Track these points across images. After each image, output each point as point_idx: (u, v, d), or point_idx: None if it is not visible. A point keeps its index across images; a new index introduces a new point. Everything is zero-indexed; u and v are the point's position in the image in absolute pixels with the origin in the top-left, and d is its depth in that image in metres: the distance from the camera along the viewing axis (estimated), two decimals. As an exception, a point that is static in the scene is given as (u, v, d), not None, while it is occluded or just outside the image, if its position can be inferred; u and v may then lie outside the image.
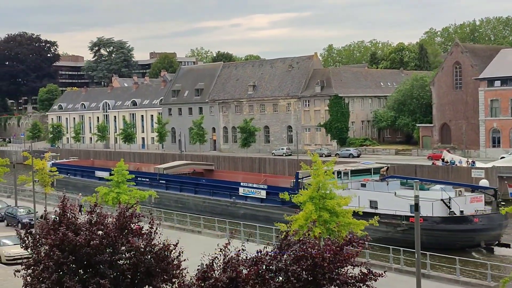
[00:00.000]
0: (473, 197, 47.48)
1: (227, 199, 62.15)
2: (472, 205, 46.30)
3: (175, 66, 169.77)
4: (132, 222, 18.97)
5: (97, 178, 78.77)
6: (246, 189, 60.78)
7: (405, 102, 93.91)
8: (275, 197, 56.63)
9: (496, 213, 45.06)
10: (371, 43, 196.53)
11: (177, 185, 68.90)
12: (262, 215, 56.81)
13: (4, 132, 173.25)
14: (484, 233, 44.84)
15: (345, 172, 52.48)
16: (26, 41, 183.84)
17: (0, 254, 36.87)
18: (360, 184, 50.29)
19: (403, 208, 45.47)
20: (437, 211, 44.93)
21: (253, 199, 59.81)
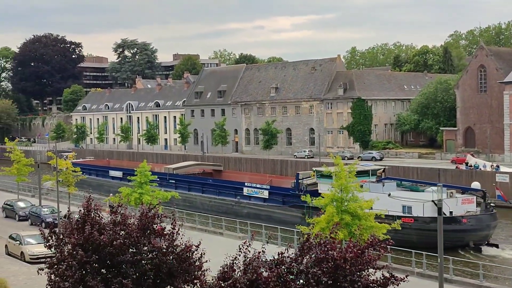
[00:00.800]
0: (464, 198, 48.79)
1: (232, 198, 64.21)
2: (463, 207, 47.56)
3: (198, 67, 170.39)
4: (155, 223, 19.07)
5: (110, 177, 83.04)
6: (250, 189, 62.67)
7: (429, 105, 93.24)
8: (277, 197, 59.57)
9: (484, 214, 47.10)
10: (395, 45, 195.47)
11: (186, 185, 70.41)
12: (264, 214, 58.81)
13: (29, 132, 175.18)
14: (473, 233, 46.30)
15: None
16: (51, 42, 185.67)
17: (24, 252, 37.26)
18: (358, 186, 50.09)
19: (396, 209, 46.54)
20: (428, 212, 45.94)
21: (256, 199, 61.74)
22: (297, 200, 54.99)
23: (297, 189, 57.77)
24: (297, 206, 55.27)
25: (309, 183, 57.82)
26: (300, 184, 57.63)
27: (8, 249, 39.21)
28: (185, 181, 71.56)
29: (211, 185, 69.18)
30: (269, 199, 60.52)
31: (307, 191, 55.52)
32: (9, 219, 53.92)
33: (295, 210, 56.27)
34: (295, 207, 56.14)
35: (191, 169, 78.53)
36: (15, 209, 54.33)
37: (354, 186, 32.36)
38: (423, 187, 52.68)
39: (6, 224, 51.30)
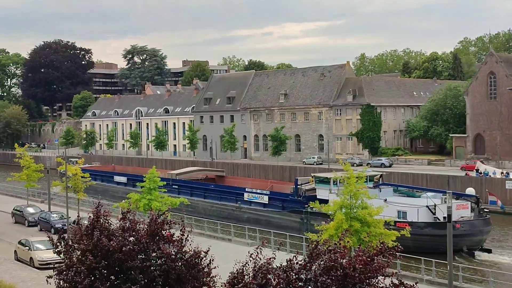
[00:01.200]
0: (459, 204, 49.31)
1: (233, 203, 65.14)
2: (457, 212, 47.70)
3: (207, 74, 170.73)
4: (164, 229, 19.06)
5: (115, 182, 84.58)
6: (250, 195, 63.69)
7: (438, 112, 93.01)
8: (276, 202, 60.71)
9: (477, 220, 47.94)
10: (404, 52, 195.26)
11: (188, 190, 70.98)
12: (264, 219, 59.90)
13: (39, 138, 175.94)
14: (466, 238, 46.70)
15: (341, 180, 52.44)
16: (61, 49, 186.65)
17: (33, 258, 37.34)
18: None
19: (391, 214, 46.71)
20: (422, 217, 47.18)
21: (256, 204, 62.62)
22: (296, 205, 57.19)
23: (296, 195, 58.79)
24: (296, 211, 56.71)
25: (308, 188, 58.67)
26: (298, 190, 58.61)
27: (17, 255, 39.33)
28: (187, 187, 72.24)
29: (213, 190, 70.08)
30: (269, 204, 61.41)
31: (305, 197, 57.10)
32: (18, 225, 54.12)
33: (293, 215, 57.26)
34: (294, 212, 57.39)
35: (194, 174, 79.58)
36: (24, 215, 54.51)
37: (363, 193, 32.19)
38: (419, 193, 53.55)
39: (16, 229, 51.49)
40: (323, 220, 50.48)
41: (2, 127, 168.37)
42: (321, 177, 58.00)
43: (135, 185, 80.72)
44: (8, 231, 50.52)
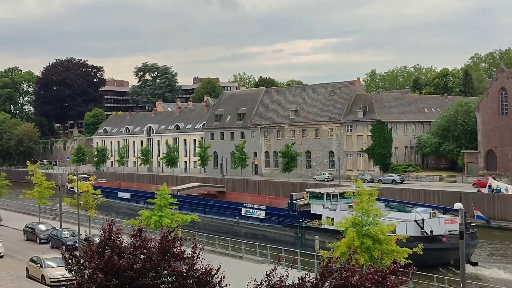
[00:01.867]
0: (447, 218, 50.85)
1: (232, 219, 66.38)
2: (445, 226, 49.66)
3: (218, 91, 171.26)
4: (175, 246, 19.01)
5: (119, 198, 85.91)
6: (248, 210, 65.23)
7: (450, 128, 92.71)
8: (273, 217, 62.15)
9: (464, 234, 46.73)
10: (415, 68, 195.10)
11: (189, 206, 72.30)
12: (261, 234, 61.35)
13: (51, 155, 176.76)
14: (453, 251, 46.31)
15: (334, 195, 56.48)
16: (73, 66, 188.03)
17: (45, 275, 37.36)
18: (348, 206, 53.20)
19: None
20: (410, 231, 47.93)
21: (254, 219, 63.93)
22: (291, 220, 58.78)
23: (291, 210, 60.21)
24: (290, 226, 58.38)
25: (302, 203, 59.92)
26: (294, 205, 59.97)
27: (29, 272, 39.36)
28: (188, 202, 73.52)
29: (212, 206, 71.63)
30: (266, 219, 62.64)
31: (300, 212, 58.97)
32: (30, 242, 54.24)
33: (288, 229, 58.74)
34: (288, 226, 58.94)
35: (195, 190, 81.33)
36: (36, 232, 54.64)
37: (375, 210, 32.03)
38: (410, 208, 54.64)
39: (27, 247, 51.61)
40: (317, 234, 53.56)
41: (14, 144, 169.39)
42: (315, 192, 59.58)
43: (138, 201, 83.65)
44: (19, 248, 50.64)
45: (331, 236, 50.06)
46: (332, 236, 50.15)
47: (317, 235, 53.97)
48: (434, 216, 51.20)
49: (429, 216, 50.87)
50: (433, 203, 74.01)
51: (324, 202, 56.55)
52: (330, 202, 55.78)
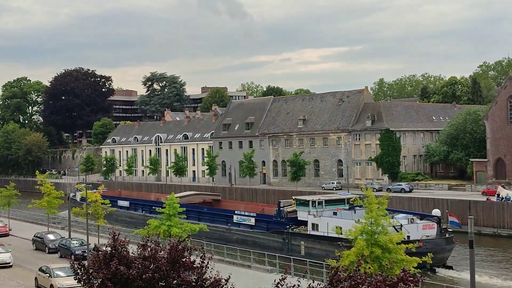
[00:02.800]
0: (425, 224, 52.98)
1: (224, 225, 68.10)
2: (423, 231, 51.54)
3: (226, 100, 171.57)
4: (184, 256, 18.98)
5: (118, 206, 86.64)
6: (239, 217, 67.44)
7: (458, 137, 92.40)
8: (262, 223, 64.33)
9: (439, 238, 51.39)
10: (423, 76, 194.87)
11: (184, 213, 72.52)
12: (251, 240, 63.33)
13: (59, 164, 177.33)
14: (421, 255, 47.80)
15: (319, 202, 58.86)
16: (82, 76, 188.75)
17: (54, 285, 37.42)
18: (332, 213, 57.07)
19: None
20: None
21: (244, 226, 65.91)
22: (279, 227, 60.90)
23: (279, 216, 62.26)
24: (278, 232, 60.56)
25: (290, 210, 62.01)
26: (281, 212, 61.99)
27: (38, 282, 39.45)
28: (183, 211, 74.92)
29: (206, 213, 73.35)
30: (256, 226, 64.68)
31: (287, 218, 61.11)
32: (39, 252, 54.39)
33: (276, 235, 60.73)
34: (276, 233, 61.07)
35: (192, 198, 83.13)
36: (45, 242, 54.78)
37: (384, 219, 31.85)
38: (392, 214, 54.64)
39: (36, 256, 51.75)
40: (302, 240, 56.28)
41: (23, 154, 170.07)
42: (302, 199, 61.68)
43: (136, 209, 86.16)
44: (28, 258, 50.79)
45: (316, 241, 54.60)
46: (316, 241, 54.45)
47: (303, 241, 56.65)
48: (412, 222, 53.05)
49: (408, 222, 52.48)
50: (441, 213, 73.87)
51: (309, 209, 58.56)
52: (315, 209, 57.96)
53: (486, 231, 68.40)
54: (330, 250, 51.48)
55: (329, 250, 51.93)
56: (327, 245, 53.34)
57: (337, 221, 54.64)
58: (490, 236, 67.67)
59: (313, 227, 56.98)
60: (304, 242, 56.37)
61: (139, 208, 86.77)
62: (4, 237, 62.53)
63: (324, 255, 50.62)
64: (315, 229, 56.62)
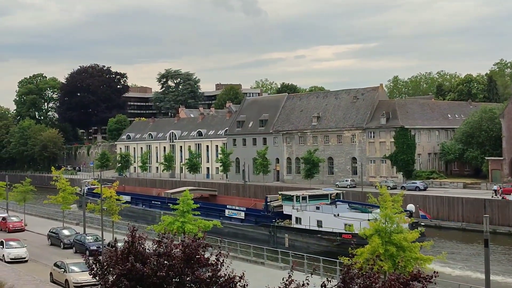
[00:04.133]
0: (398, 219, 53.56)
1: (217, 219, 69.26)
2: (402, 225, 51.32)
3: (240, 97, 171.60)
4: (198, 254, 18.93)
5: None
6: (230, 211, 70.88)
7: (474, 135, 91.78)
8: (251, 217, 67.66)
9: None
10: (439, 74, 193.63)
11: None
12: (241, 233, 66.51)
13: (75, 161, 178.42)
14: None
15: (303, 197, 62.00)
16: (97, 73, 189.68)
17: (69, 280, 37.64)
18: (315, 207, 60.42)
19: (339, 227, 55.42)
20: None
21: (235, 220, 69.16)
22: (266, 220, 64.51)
23: (266, 211, 65.98)
24: (265, 225, 64.26)
25: (276, 205, 65.56)
26: (268, 206, 65.72)
27: (53, 277, 39.69)
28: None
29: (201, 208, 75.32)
30: (245, 220, 67.98)
31: (274, 212, 64.66)
32: (54, 247, 54.73)
33: (263, 229, 64.39)
34: (263, 226, 64.64)
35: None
36: (60, 237, 55.11)
37: (398, 217, 31.71)
38: (370, 209, 57.37)
39: (51, 251, 52.09)
40: (286, 232, 59.99)
41: (39, 150, 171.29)
42: (287, 195, 64.83)
43: (137, 204, 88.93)
44: (44, 253, 51.14)
45: (298, 234, 59.12)
46: (298, 234, 59.07)
47: (287, 234, 60.44)
48: None
49: None
50: (457, 211, 73.58)
51: (294, 204, 61.88)
52: (299, 204, 61.27)
53: (502, 230, 67.95)
54: (310, 242, 58.02)
55: (310, 242, 58.09)
56: (308, 238, 58.03)
57: (319, 215, 58.93)
58: (505, 235, 67.24)
59: (297, 220, 60.70)
60: (288, 235, 60.34)
61: (139, 202, 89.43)
62: (20, 232, 63.05)
63: (306, 247, 56.77)
64: (299, 223, 60.37)
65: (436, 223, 74.54)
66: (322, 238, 56.47)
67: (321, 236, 56.36)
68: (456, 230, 71.92)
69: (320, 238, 56.74)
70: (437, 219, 75.33)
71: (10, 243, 49.07)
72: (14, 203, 78.26)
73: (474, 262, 54.28)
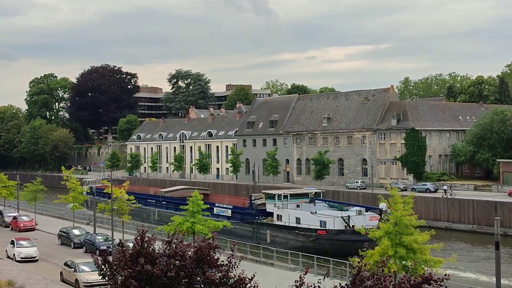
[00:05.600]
0: (371, 216, 58.93)
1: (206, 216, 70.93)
2: (371, 222, 56.74)
3: (250, 98, 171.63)
4: (209, 255, 18.84)
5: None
6: (218, 209, 72.79)
7: (485, 137, 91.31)
8: (237, 215, 70.57)
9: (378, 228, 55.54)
10: (450, 76, 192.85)
11: (173, 205, 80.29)
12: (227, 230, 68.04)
13: (85, 160, 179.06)
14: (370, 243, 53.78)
15: (284, 195, 65.77)
16: (108, 73, 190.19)
17: (79, 280, 37.74)
18: (296, 205, 64.33)
19: (315, 223, 59.26)
20: (337, 226, 58.10)
21: (223, 217, 70.13)
22: (250, 217, 67.72)
23: (250, 208, 69.36)
24: (249, 222, 67.55)
25: (259, 203, 69.41)
26: (252, 204, 69.25)
27: (63, 276, 39.82)
28: (173, 203, 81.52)
29: None
30: (232, 217, 69.78)
31: (257, 210, 68.47)
32: (64, 246, 54.94)
33: (247, 225, 67.39)
34: (248, 222, 67.97)
35: (182, 192, 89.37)
36: (70, 237, 55.31)
37: (409, 219, 31.48)
38: (346, 207, 63.29)
39: (62, 251, 52.28)
40: (268, 229, 64.34)
41: (49, 149, 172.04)
42: (270, 193, 68.66)
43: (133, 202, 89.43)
44: (54, 253, 51.33)
45: (279, 230, 62.91)
46: (279, 230, 62.83)
47: (268, 230, 64.17)
48: (360, 214, 59.41)
49: (356, 213, 59.19)
50: (467, 213, 73.24)
51: (276, 202, 65.68)
52: (281, 202, 65.06)
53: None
54: (289, 238, 61.76)
55: (289, 238, 61.79)
56: (287, 234, 61.72)
57: (297, 213, 62.69)
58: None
59: (278, 217, 64.54)
60: (269, 231, 64.07)
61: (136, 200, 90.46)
62: (31, 232, 63.31)
63: (285, 242, 60.65)
64: (279, 220, 64.18)
65: (447, 225, 74.25)
66: (299, 234, 60.29)
67: (299, 232, 60.28)
68: (466, 232, 71.59)
69: (298, 234, 60.53)
70: (448, 221, 75.03)
71: (20, 242, 49.27)
72: (25, 202, 78.58)
73: (485, 264, 53.98)
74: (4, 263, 43.06)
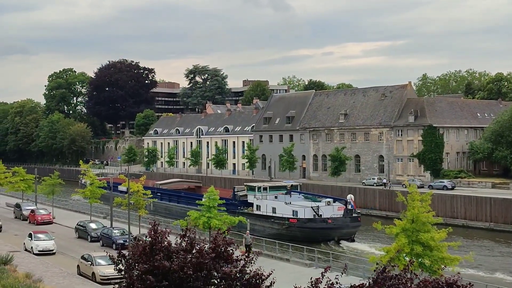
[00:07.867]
0: (339, 206, 65.08)
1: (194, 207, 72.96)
2: (339, 212, 63.99)
3: (267, 93, 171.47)
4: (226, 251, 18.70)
5: (118, 191, 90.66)
6: None
7: (503, 134, 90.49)
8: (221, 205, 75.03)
9: (346, 217, 64.05)
10: (468, 72, 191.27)
11: (167, 197, 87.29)
12: None
13: (102, 155, 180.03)
14: (336, 230, 62.92)
15: (264, 188, 72.28)
16: (125, 68, 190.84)
17: (95, 273, 38.00)
18: (274, 197, 70.31)
19: (288, 212, 64.78)
20: (307, 215, 63.63)
21: None
22: (233, 207, 70.95)
23: (234, 199, 74.80)
24: (232, 212, 70.85)
25: (242, 194, 75.33)
26: (235, 196, 75.46)
27: (80, 269, 40.11)
28: (167, 194, 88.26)
29: (183, 197, 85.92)
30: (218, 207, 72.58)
31: (240, 201, 74.24)
32: (81, 240, 55.33)
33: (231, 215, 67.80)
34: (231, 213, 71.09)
35: (178, 185, 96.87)
36: (87, 230, 55.68)
37: (425, 216, 31.24)
38: (319, 199, 69.62)
39: (79, 244, 52.66)
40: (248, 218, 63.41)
41: (67, 144, 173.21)
42: (251, 185, 74.83)
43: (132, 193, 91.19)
44: (71, 246, 51.72)
45: (257, 219, 67.49)
46: (257, 219, 67.52)
47: (249, 219, 66.47)
48: (329, 204, 65.28)
49: (325, 204, 65.00)
50: (484, 211, 72.71)
51: (256, 193, 71.48)
52: (260, 193, 71.13)
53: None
54: (266, 226, 66.60)
55: (266, 226, 66.59)
56: (264, 222, 66.65)
57: (274, 203, 68.06)
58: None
59: (257, 207, 69.94)
60: (249, 220, 66.58)
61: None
62: (48, 225, 63.83)
63: (262, 230, 65.48)
64: (258, 210, 69.61)
65: (464, 223, 73.80)
66: (274, 222, 65.46)
67: (274, 221, 65.51)
68: (484, 230, 71.10)
69: (273, 223, 65.65)
70: (465, 219, 74.58)
71: (38, 236, 49.66)
72: (43, 196, 79.21)
73: (502, 262, 53.59)
74: (22, 256, 43.41)
